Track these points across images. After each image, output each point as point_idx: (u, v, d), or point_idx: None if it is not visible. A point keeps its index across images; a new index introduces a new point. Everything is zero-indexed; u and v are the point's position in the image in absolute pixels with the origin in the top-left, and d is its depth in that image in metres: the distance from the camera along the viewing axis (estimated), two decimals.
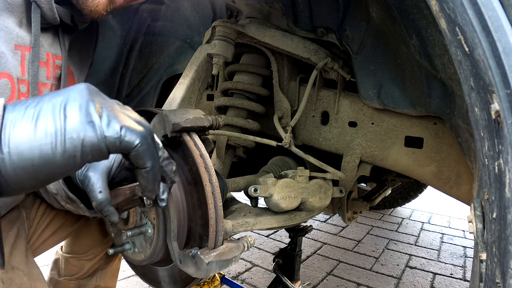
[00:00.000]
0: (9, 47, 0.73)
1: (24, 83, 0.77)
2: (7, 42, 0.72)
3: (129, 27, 1.67)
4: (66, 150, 0.42)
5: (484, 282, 0.51)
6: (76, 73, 0.97)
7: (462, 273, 2.28)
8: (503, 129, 0.43)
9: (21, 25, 0.75)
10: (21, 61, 0.75)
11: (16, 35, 0.74)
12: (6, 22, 0.72)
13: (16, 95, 0.75)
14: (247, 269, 2.14)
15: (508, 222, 0.43)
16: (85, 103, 0.44)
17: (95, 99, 0.46)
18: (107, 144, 0.45)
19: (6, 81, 0.73)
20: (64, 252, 1.22)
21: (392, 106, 1.11)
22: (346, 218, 1.40)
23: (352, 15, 1.13)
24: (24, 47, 0.76)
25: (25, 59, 0.76)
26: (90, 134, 0.43)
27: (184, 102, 1.20)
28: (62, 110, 0.43)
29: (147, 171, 0.51)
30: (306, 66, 1.37)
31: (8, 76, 0.73)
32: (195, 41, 1.65)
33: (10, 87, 0.74)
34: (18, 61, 0.75)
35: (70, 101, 0.44)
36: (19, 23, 0.75)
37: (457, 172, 1.10)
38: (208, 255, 0.78)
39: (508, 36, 0.42)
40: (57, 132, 0.42)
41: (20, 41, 0.75)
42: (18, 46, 0.75)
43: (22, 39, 0.75)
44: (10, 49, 0.73)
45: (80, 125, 0.43)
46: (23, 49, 0.76)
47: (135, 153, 0.48)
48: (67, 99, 0.44)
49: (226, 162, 1.36)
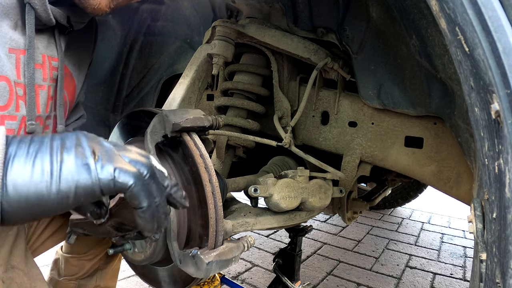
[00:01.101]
0: (3, 50, 0.72)
1: (20, 86, 0.76)
2: (1, 46, 0.72)
3: (129, 27, 1.67)
4: (60, 190, 0.45)
5: (484, 282, 0.51)
6: (75, 73, 0.97)
7: (462, 273, 2.28)
8: (503, 129, 0.43)
9: (16, 28, 0.75)
10: (16, 65, 0.75)
11: (10, 38, 0.73)
12: (0, 26, 0.71)
13: (14, 98, 0.75)
14: (247, 269, 2.14)
15: (508, 222, 0.43)
16: (81, 148, 0.48)
17: (91, 144, 0.49)
18: (101, 186, 0.47)
19: (4, 84, 0.72)
20: (64, 252, 1.22)
21: (392, 106, 1.11)
22: (346, 218, 1.40)
23: (352, 15, 1.13)
24: (18, 50, 0.75)
25: (20, 62, 0.76)
26: (85, 177, 0.46)
27: (184, 102, 1.20)
28: (59, 153, 0.47)
29: (143, 211, 0.52)
30: (306, 66, 1.37)
31: (6, 79, 0.73)
32: (195, 41, 1.65)
33: (8, 90, 0.73)
34: (13, 64, 0.75)
35: (68, 145, 0.48)
36: (14, 26, 0.75)
37: (457, 172, 1.10)
38: (208, 255, 0.78)
39: (508, 36, 0.42)
40: (53, 172, 0.45)
41: (14, 44, 0.74)
42: (12, 49, 0.74)
43: (16, 42, 0.75)
44: (4, 53, 0.73)
45: (75, 167, 0.46)
46: (18, 52, 0.75)
47: (129, 193, 0.49)
48: (65, 143, 0.48)
49: (226, 162, 1.36)
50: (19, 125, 0.77)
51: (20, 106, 0.77)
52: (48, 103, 0.85)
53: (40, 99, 0.82)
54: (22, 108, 0.77)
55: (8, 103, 0.74)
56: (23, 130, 0.79)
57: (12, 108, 0.75)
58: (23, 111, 0.78)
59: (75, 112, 1.07)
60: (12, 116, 0.75)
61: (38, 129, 0.83)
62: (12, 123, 0.76)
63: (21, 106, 0.77)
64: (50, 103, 0.86)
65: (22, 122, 0.78)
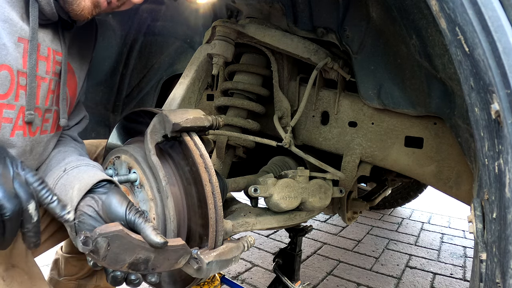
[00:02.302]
0: (12, 39, 0.74)
1: (24, 76, 0.78)
2: (10, 34, 0.73)
3: (129, 27, 1.68)
4: None
5: (484, 282, 0.51)
6: (76, 70, 0.97)
7: (462, 273, 2.28)
8: (503, 129, 0.43)
9: (23, 20, 0.77)
10: (23, 54, 0.77)
11: (20, 27, 0.75)
12: (11, 15, 0.73)
13: (15, 87, 0.76)
14: (247, 269, 2.14)
15: (508, 222, 0.43)
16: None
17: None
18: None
19: (6, 73, 0.73)
20: (64, 252, 1.22)
21: (392, 106, 1.11)
22: (346, 218, 1.40)
23: (352, 15, 1.13)
24: (26, 40, 0.77)
25: (27, 52, 0.77)
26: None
27: (184, 102, 1.20)
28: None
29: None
30: (306, 66, 1.37)
31: (8, 68, 0.74)
32: (195, 41, 1.65)
33: (10, 79, 0.75)
34: (21, 53, 0.76)
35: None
36: (21, 18, 0.77)
37: (457, 172, 1.10)
38: (208, 255, 0.78)
39: (508, 36, 0.42)
40: None
41: (23, 34, 0.76)
42: (21, 39, 0.76)
43: (25, 32, 0.77)
44: (13, 42, 0.74)
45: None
46: (26, 42, 0.77)
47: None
48: None
49: (226, 162, 1.36)
50: (17, 114, 0.78)
51: (20, 96, 0.78)
52: (48, 96, 0.86)
53: (41, 91, 0.83)
54: (22, 98, 0.78)
55: (8, 92, 0.75)
56: (21, 119, 0.79)
57: (12, 97, 0.76)
58: (23, 101, 0.78)
59: (77, 112, 1.07)
60: (11, 105, 0.76)
61: (37, 121, 0.84)
62: (10, 112, 0.76)
63: (21, 95, 0.78)
64: (50, 97, 0.87)
65: (20, 112, 0.79)
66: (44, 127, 0.87)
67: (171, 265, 0.75)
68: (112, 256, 0.68)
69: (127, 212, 0.74)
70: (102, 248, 0.67)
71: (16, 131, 0.79)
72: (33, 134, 0.84)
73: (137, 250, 0.70)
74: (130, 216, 0.73)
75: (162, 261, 0.74)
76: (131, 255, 0.70)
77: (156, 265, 0.74)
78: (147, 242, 0.70)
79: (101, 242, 0.66)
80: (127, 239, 0.68)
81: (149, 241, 0.70)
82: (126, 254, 0.69)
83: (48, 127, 0.89)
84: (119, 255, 0.69)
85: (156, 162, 0.80)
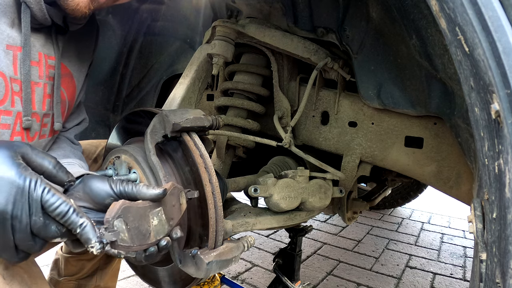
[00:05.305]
0: (1, 47, 0.74)
1: (17, 82, 0.78)
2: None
3: (129, 27, 1.68)
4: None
5: (484, 282, 0.51)
6: (75, 73, 0.97)
7: (462, 273, 2.28)
8: (503, 129, 0.43)
9: (13, 26, 0.77)
10: (13, 61, 0.77)
11: (7, 35, 0.75)
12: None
13: (10, 94, 0.76)
14: (247, 269, 2.14)
15: (508, 222, 0.43)
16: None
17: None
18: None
19: (0, 80, 0.73)
20: (64, 252, 1.22)
21: (392, 106, 1.11)
22: (346, 218, 1.40)
23: (352, 15, 1.13)
24: (15, 47, 0.77)
25: (17, 58, 0.77)
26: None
27: (184, 102, 1.20)
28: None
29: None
30: (306, 66, 1.37)
31: (1, 75, 0.74)
32: (195, 41, 1.65)
33: (4, 85, 0.75)
34: (11, 60, 0.76)
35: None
36: (11, 24, 0.76)
37: (457, 172, 1.10)
38: (208, 255, 0.78)
39: (508, 36, 0.42)
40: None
41: (11, 41, 0.76)
42: (9, 46, 0.76)
43: (13, 39, 0.76)
44: (2, 49, 0.74)
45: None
46: (15, 49, 0.77)
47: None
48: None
49: (226, 162, 1.36)
50: (14, 120, 0.78)
51: (15, 102, 0.78)
52: (44, 101, 0.86)
53: (36, 96, 0.83)
54: (18, 104, 0.78)
55: (4, 99, 0.75)
56: (19, 125, 0.79)
57: (8, 104, 0.76)
58: (18, 106, 0.79)
59: (77, 114, 1.07)
60: (8, 111, 0.77)
61: (35, 126, 0.84)
62: (7, 118, 0.77)
63: (17, 101, 0.78)
64: (47, 101, 0.87)
65: (17, 118, 0.79)
66: (42, 132, 0.88)
67: (179, 209, 0.73)
68: (136, 232, 0.65)
69: (113, 186, 0.67)
70: (123, 230, 0.62)
71: (15, 137, 0.79)
72: (32, 140, 0.84)
73: (148, 213, 0.67)
74: (117, 188, 0.67)
75: (171, 210, 0.71)
76: (147, 221, 0.67)
77: (170, 217, 0.71)
78: (149, 200, 0.67)
79: (118, 224, 0.62)
80: (134, 207, 0.65)
81: (150, 198, 0.66)
82: (144, 223, 0.66)
83: (46, 132, 0.89)
84: (140, 227, 0.65)
85: (156, 162, 0.80)
